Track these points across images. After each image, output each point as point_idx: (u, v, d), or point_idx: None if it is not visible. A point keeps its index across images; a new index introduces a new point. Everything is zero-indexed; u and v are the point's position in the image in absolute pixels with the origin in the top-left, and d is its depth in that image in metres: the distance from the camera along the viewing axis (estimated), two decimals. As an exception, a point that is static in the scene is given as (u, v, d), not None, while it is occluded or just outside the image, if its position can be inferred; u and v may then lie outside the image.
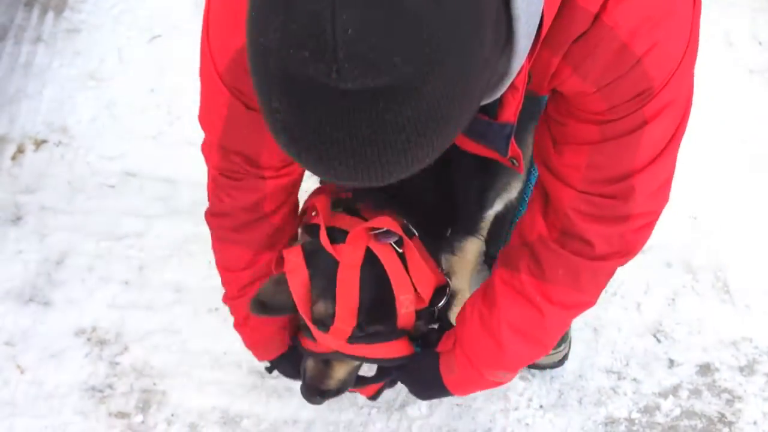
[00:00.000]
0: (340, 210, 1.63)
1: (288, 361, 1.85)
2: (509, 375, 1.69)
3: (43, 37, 2.94)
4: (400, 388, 2.10)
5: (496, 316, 1.55)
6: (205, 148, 1.55)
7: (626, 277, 2.35)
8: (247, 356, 2.14)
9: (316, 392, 1.76)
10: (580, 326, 2.23)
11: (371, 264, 1.55)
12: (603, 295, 2.26)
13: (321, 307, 1.57)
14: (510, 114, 1.31)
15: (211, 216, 1.66)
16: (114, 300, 2.27)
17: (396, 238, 1.57)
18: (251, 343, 1.86)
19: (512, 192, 1.87)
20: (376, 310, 1.58)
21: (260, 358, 1.90)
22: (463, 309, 1.66)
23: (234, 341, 2.16)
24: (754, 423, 2.10)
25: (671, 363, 2.20)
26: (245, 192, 1.56)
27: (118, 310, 2.24)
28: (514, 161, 1.43)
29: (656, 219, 1.44)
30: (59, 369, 2.13)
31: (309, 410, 2.07)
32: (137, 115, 2.70)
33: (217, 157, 1.51)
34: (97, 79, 2.83)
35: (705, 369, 2.19)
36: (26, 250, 2.36)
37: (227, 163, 1.51)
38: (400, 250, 1.58)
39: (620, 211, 1.38)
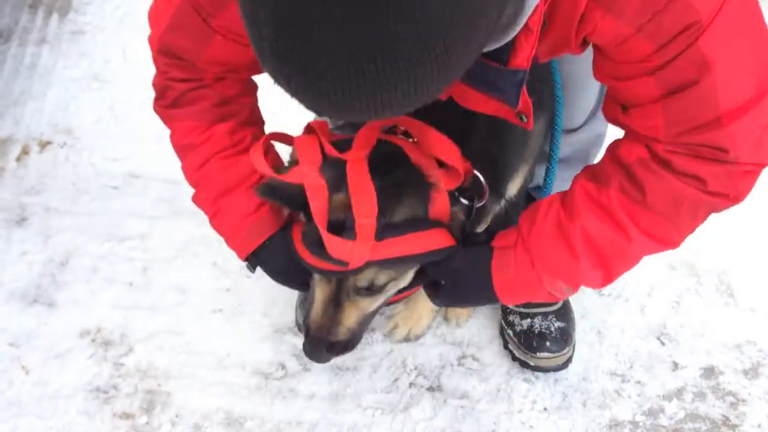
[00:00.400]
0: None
1: (275, 247, 1.60)
2: (565, 290, 1.52)
3: (48, 38, 2.95)
4: (404, 389, 2.11)
5: (576, 225, 1.42)
6: (150, 41, 1.55)
7: (630, 279, 2.35)
8: (251, 357, 2.16)
9: (323, 345, 1.55)
10: (584, 329, 2.23)
11: (385, 151, 1.43)
12: (606, 297, 2.31)
13: (341, 197, 1.41)
14: (523, 59, 1.24)
15: (157, 105, 1.61)
16: (118, 301, 2.27)
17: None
18: (226, 232, 1.64)
19: (512, 190, 1.85)
20: (401, 192, 1.43)
21: (241, 252, 1.65)
22: (534, 208, 1.52)
23: (238, 342, 2.19)
24: (759, 426, 2.10)
25: (675, 366, 2.19)
26: (184, 70, 1.53)
27: (123, 311, 2.24)
28: (523, 116, 1.35)
29: (760, 171, 1.37)
30: (64, 370, 2.12)
31: (313, 412, 2.07)
32: (141, 117, 2.69)
33: (155, 46, 1.52)
34: (102, 80, 2.84)
35: (709, 372, 2.19)
36: (31, 251, 2.36)
37: (165, 57, 1.52)
38: (414, 139, 1.45)
39: (723, 158, 1.30)
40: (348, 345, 1.59)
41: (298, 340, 2.19)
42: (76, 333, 2.19)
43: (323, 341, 1.55)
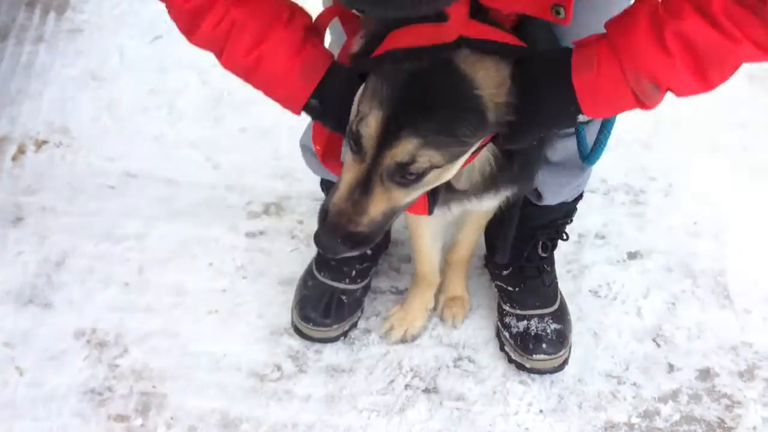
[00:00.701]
0: None
1: (336, 79, 1.44)
2: (652, 92, 1.35)
3: (45, 37, 2.95)
4: (400, 391, 2.11)
5: (673, 23, 1.27)
6: None
7: (627, 281, 2.36)
8: (247, 359, 2.16)
9: (339, 233, 1.38)
10: (580, 331, 2.23)
11: None
12: (603, 299, 2.31)
13: None
14: None
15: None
16: (114, 302, 2.26)
17: None
18: (275, 81, 1.47)
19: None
20: None
21: (298, 98, 1.47)
22: (621, 14, 1.37)
23: (234, 344, 2.19)
24: (754, 428, 2.10)
25: (671, 368, 2.19)
26: None
27: (118, 312, 2.24)
28: (561, 9, 1.27)
29: None
30: (58, 371, 2.12)
31: (308, 413, 2.07)
32: (138, 116, 2.71)
33: None
34: (99, 79, 2.83)
35: (705, 374, 2.19)
36: (26, 252, 2.36)
37: None
38: None
39: None
40: (365, 240, 1.42)
41: (294, 342, 2.20)
42: (71, 334, 2.19)
43: (340, 229, 1.38)
